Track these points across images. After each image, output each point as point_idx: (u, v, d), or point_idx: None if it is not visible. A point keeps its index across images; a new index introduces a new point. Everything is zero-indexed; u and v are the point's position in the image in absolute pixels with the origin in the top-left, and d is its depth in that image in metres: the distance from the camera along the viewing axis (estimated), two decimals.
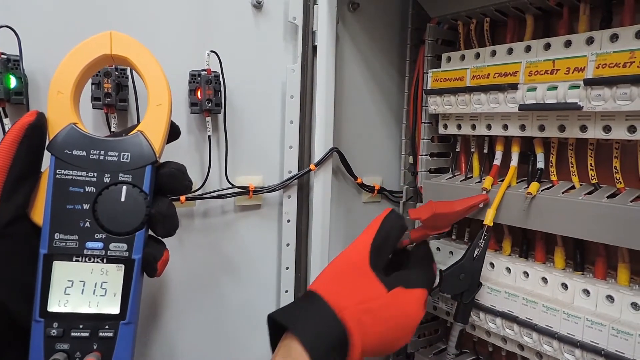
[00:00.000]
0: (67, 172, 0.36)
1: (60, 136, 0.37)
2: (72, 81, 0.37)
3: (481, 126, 0.60)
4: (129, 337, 0.38)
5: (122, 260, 0.37)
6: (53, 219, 0.36)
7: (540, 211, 0.53)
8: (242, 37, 0.63)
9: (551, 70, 0.50)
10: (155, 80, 0.39)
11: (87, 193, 0.37)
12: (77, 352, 0.36)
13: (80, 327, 0.37)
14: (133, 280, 0.37)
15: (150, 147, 0.38)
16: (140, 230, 0.37)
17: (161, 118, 0.39)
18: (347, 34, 0.70)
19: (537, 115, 0.54)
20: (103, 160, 0.37)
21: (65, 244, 0.36)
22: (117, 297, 0.37)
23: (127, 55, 0.39)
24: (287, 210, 0.68)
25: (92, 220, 0.37)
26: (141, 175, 0.37)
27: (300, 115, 0.67)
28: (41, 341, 0.36)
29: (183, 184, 0.41)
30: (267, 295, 0.70)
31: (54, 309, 0.36)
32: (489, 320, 0.58)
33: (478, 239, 0.56)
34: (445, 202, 0.57)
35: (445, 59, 0.65)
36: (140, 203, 0.37)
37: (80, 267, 0.37)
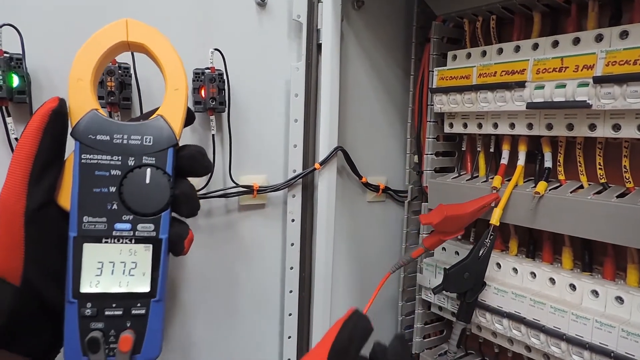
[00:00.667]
0: (92, 157, 0.37)
1: (84, 122, 0.37)
2: (91, 68, 0.38)
3: (488, 125, 0.60)
4: (159, 314, 0.39)
5: (150, 240, 0.38)
6: (81, 202, 0.37)
7: (548, 211, 0.52)
8: (245, 35, 0.63)
9: (559, 68, 0.49)
10: (172, 66, 0.40)
11: (113, 176, 0.37)
12: (111, 330, 0.38)
13: (113, 305, 0.38)
14: (161, 259, 0.39)
15: (171, 130, 0.39)
16: (165, 211, 0.38)
17: (179, 102, 0.40)
18: (351, 32, 0.69)
19: (545, 113, 0.53)
20: (127, 144, 0.38)
21: (94, 226, 0.37)
22: (147, 276, 0.38)
23: (144, 41, 0.40)
24: (291, 209, 0.68)
25: (119, 203, 0.37)
26: (164, 158, 0.38)
27: (305, 113, 0.67)
28: (76, 321, 0.37)
29: (203, 164, 0.42)
30: (272, 295, 0.70)
31: (86, 290, 0.37)
32: (495, 321, 0.57)
33: (484, 238, 0.56)
34: (456, 205, 0.57)
35: (450, 57, 0.65)
36: (165, 184, 0.38)
37: (110, 248, 0.38)
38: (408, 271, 0.75)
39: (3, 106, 0.48)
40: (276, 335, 0.71)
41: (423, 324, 0.72)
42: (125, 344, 0.37)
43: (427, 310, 0.72)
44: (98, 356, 0.37)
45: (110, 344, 0.38)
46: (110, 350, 0.37)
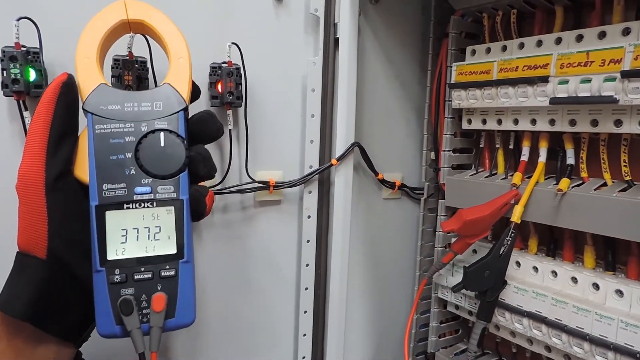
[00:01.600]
0: (106, 126, 0.37)
1: (94, 94, 0.38)
2: (95, 47, 0.39)
3: (508, 121, 0.59)
4: (189, 275, 0.39)
5: (171, 202, 0.38)
6: (99, 171, 0.37)
7: (572, 209, 0.51)
8: (262, 29, 0.62)
9: (585, 62, 0.48)
10: (173, 37, 0.41)
11: (128, 143, 0.38)
12: (142, 295, 0.37)
13: (142, 270, 0.38)
14: (185, 220, 0.39)
15: (179, 95, 0.39)
16: (183, 172, 0.39)
17: (184, 70, 0.40)
18: (368, 26, 0.68)
19: (568, 109, 0.52)
20: (138, 111, 0.38)
21: (114, 193, 0.37)
22: (172, 239, 0.38)
23: (143, 17, 0.40)
24: (307, 205, 0.67)
25: (136, 167, 0.38)
26: (175, 121, 0.39)
27: (322, 109, 0.66)
28: (105, 289, 0.37)
29: (215, 126, 0.42)
30: (287, 292, 0.69)
31: (112, 257, 0.37)
32: (515, 321, 0.56)
33: (505, 236, 0.55)
34: (474, 208, 0.56)
35: (469, 52, 0.64)
36: (179, 146, 0.38)
37: (132, 213, 0.38)
38: (423, 269, 0.74)
39: (20, 100, 0.48)
40: (291, 332, 0.70)
41: (438, 322, 0.71)
42: (159, 303, 0.37)
43: (442, 309, 0.71)
44: (132, 319, 0.36)
45: (142, 310, 0.37)
46: (143, 316, 0.37)
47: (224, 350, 0.65)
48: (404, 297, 0.79)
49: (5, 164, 0.48)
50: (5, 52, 0.47)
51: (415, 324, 0.76)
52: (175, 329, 0.38)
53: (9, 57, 0.47)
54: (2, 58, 0.47)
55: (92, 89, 0.38)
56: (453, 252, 0.60)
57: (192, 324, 0.39)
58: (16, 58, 0.47)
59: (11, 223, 0.36)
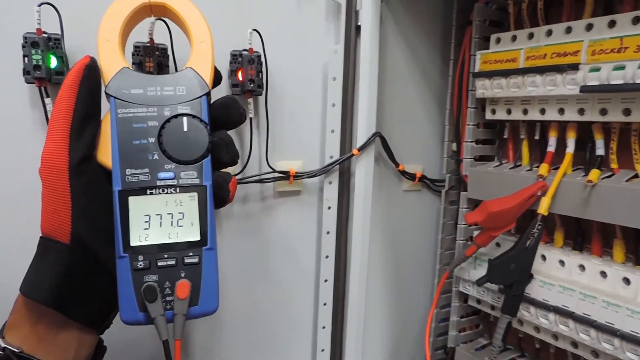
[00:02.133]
0: (129, 110, 0.37)
1: (116, 78, 0.37)
2: (117, 30, 0.38)
3: (534, 111, 0.57)
4: (213, 262, 0.38)
5: (194, 188, 0.38)
6: (122, 155, 0.37)
7: (601, 201, 0.49)
8: (283, 16, 0.61)
9: (618, 49, 0.47)
10: (195, 21, 0.40)
11: (151, 127, 0.37)
12: (166, 282, 0.37)
13: (165, 256, 0.37)
14: (208, 207, 0.38)
15: (202, 79, 0.39)
16: (206, 158, 0.38)
17: (207, 53, 0.40)
18: (390, 14, 0.67)
19: (599, 98, 0.50)
20: (161, 95, 0.38)
21: (137, 178, 0.37)
22: (195, 226, 0.38)
23: (165, 1, 0.40)
24: (327, 196, 0.67)
25: (159, 153, 0.37)
26: (198, 106, 0.38)
27: (343, 98, 0.65)
28: (129, 275, 0.36)
29: (238, 111, 0.41)
30: (306, 284, 0.68)
31: (136, 243, 0.37)
32: (540, 316, 0.55)
33: (531, 228, 0.54)
34: (499, 200, 0.55)
35: (494, 40, 0.62)
36: (202, 131, 0.38)
37: (155, 199, 0.37)
38: (444, 262, 0.73)
39: (42, 87, 0.48)
40: (310, 324, 0.70)
41: (459, 317, 0.70)
42: (183, 290, 0.37)
43: (463, 303, 0.70)
44: (156, 306, 0.36)
45: (166, 297, 0.37)
46: (167, 303, 0.37)
47: (242, 341, 0.64)
48: (423, 291, 0.78)
49: (28, 151, 0.48)
50: (27, 39, 0.46)
51: (435, 318, 0.75)
52: (198, 317, 0.38)
53: (31, 43, 0.46)
54: (24, 44, 0.46)
55: (114, 73, 0.37)
56: (476, 245, 0.59)
57: (215, 311, 0.38)
58: (38, 44, 0.47)
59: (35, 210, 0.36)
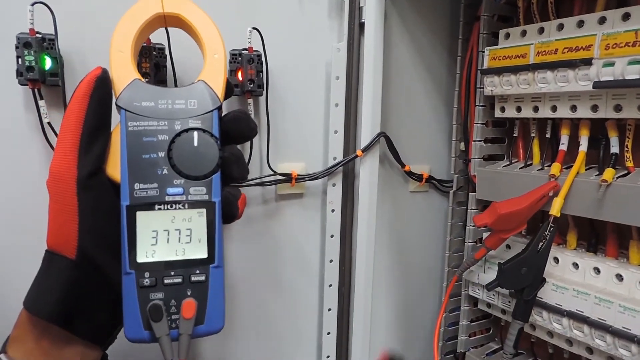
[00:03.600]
0: (139, 124, 0.37)
1: (127, 90, 0.37)
2: (130, 41, 0.38)
3: (545, 108, 0.55)
4: (220, 280, 0.38)
5: (203, 204, 0.38)
6: (131, 170, 0.36)
7: (617, 201, 0.48)
8: (284, 14, 0.60)
9: (633, 43, 0.45)
10: (209, 33, 0.40)
11: (161, 141, 0.37)
12: (172, 300, 0.36)
13: (172, 274, 0.37)
14: (216, 224, 0.38)
15: (214, 93, 0.39)
16: (216, 173, 0.38)
17: (219, 67, 0.40)
18: (395, 10, 0.65)
19: (614, 93, 0.48)
20: (172, 109, 0.38)
21: (146, 193, 0.36)
22: (203, 243, 0.38)
23: (179, 12, 0.40)
24: (331, 199, 0.65)
25: (169, 167, 0.37)
26: (209, 120, 0.38)
27: (346, 97, 0.63)
28: (135, 292, 0.36)
29: (250, 126, 0.41)
30: (310, 289, 0.67)
31: (142, 260, 0.36)
32: (553, 320, 0.53)
33: (543, 230, 0.52)
34: (509, 201, 0.53)
35: (503, 36, 0.60)
36: (213, 146, 0.38)
37: (163, 215, 0.37)
38: (452, 265, 0.71)
39: (35, 89, 0.47)
40: (315, 330, 0.68)
41: (469, 321, 0.68)
42: (189, 310, 0.36)
43: (473, 307, 0.68)
44: (161, 325, 0.35)
45: (171, 315, 0.36)
46: (172, 322, 0.36)
47: (246, 347, 0.63)
48: (431, 294, 0.76)
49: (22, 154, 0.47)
50: (19, 39, 0.45)
51: (444, 322, 0.73)
52: (204, 336, 0.37)
53: (24, 44, 0.45)
54: (17, 45, 0.45)
55: (125, 85, 0.37)
56: (486, 248, 0.57)
57: (221, 330, 0.38)
58: (31, 45, 0.45)
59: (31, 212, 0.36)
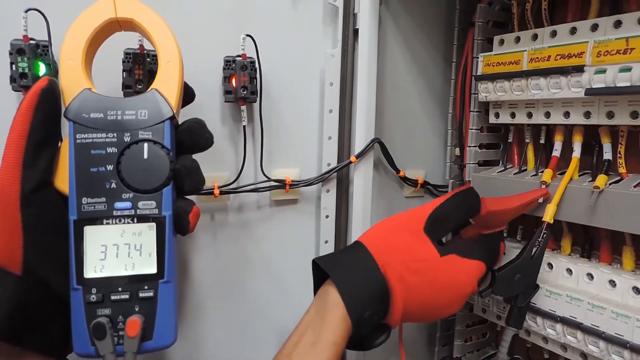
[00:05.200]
0: (87, 136, 0.36)
1: (76, 101, 0.36)
2: (81, 48, 0.37)
3: (539, 114, 0.55)
4: (169, 296, 0.37)
5: (153, 218, 0.37)
6: (79, 183, 0.36)
7: (609, 207, 0.48)
8: (279, 20, 0.60)
9: (624, 50, 0.45)
10: (162, 38, 0.39)
11: (109, 154, 0.37)
12: (119, 316, 0.36)
13: (119, 290, 0.37)
14: (166, 238, 0.37)
15: (167, 102, 0.38)
16: (167, 187, 0.37)
17: (173, 74, 0.39)
18: (389, 16, 0.66)
19: (606, 100, 0.49)
20: (121, 120, 0.37)
21: (93, 208, 0.36)
22: (153, 257, 0.37)
23: (133, 16, 0.39)
24: (325, 205, 0.65)
25: (117, 181, 0.37)
26: (161, 131, 0.37)
27: (340, 103, 0.64)
28: (82, 308, 0.36)
29: (203, 136, 0.40)
30: (305, 295, 0.66)
31: (90, 275, 0.36)
32: (547, 326, 0.53)
33: (536, 237, 0.52)
34: (499, 199, 0.53)
35: (497, 42, 0.60)
36: (164, 158, 0.37)
37: (112, 229, 0.37)
38: None
39: None
40: None
41: (464, 326, 0.68)
42: (133, 329, 0.36)
43: (469, 313, 0.68)
44: (105, 343, 0.35)
45: (118, 331, 0.36)
46: (119, 338, 0.36)
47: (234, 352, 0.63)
48: None
49: None
50: (13, 46, 0.45)
51: (440, 327, 0.73)
52: (152, 351, 0.37)
53: (17, 51, 0.45)
54: (10, 51, 0.45)
55: (74, 95, 0.36)
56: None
57: (171, 345, 0.38)
58: (24, 51, 0.45)
59: None
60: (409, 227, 0.49)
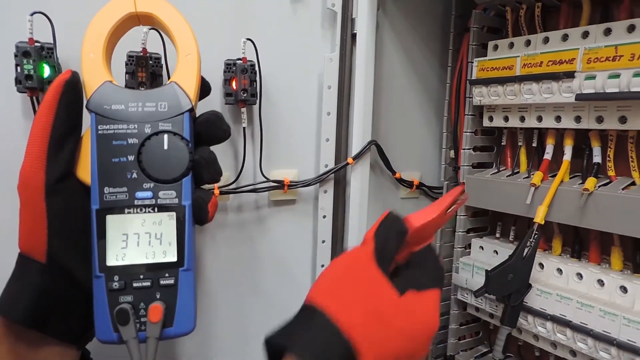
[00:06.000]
0: (109, 127, 0.37)
1: (98, 93, 0.37)
2: (102, 43, 0.38)
3: (531, 118, 0.57)
4: (189, 283, 0.38)
5: (173, 208, 0.38)
6: (101, 173, 0.37)
7: (598, 209, 0.49)
8: (278, 24, 0.61)
9: (613, 57, 0.46)
10: (182, 32, 0.40)
11: (131, 145, 0.37)
12: (141, 303, 0.37)
13: (141, 277, 0.37)
14: (186, 227, 0.38)
15: (186, 95, 0.38)
16: (186, 177, 0.38)
17: (192, 67, 0.39)
18: (387, 21, 0.67)
19: (595, 105, 0.50)
20: (142, 112, 0.38)
21: (115, 197, 0.37)
22: (173, 246, 0.38)
23: (152, 11, 0.39)
24: (323, 205, 0.66)
25: (138, 171, 0.37)
26: (180, 123, 0.38)
27: (338, 106, 0.65)
28: (104, 295, 0.36)
29: (221, 128, 0.41)
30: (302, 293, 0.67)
31: (112, 263, 0.37)
32: (538, 324, 0.55)
33: (528, 237, 0.53)
34: (420, 212, 0.48)
35: (491, 47, 0.62)
36: (183, 149, 0.38)
37: (133, 218, 0.37)
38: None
39: (34, 96, 0.48)
40: None
41: (458, 325, 0.70)
42: (155, 314, 0.36)
43: (462, 311, 0.69)
44: (128, 329, 0.36)
45: (140, 318, 0.37)
46: (141, 324, 0.37)
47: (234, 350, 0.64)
48: None
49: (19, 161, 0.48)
50: (18, 48, 0.46)
51: None
52: (173, 338, 0.38)
53: (22, 53, 0.46)
54: (16, 54, 0.46)
55: (96, 87, 0.37)
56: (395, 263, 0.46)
57: (191, 332, 0.38)
58: (29, 54, 0.47)
59: None
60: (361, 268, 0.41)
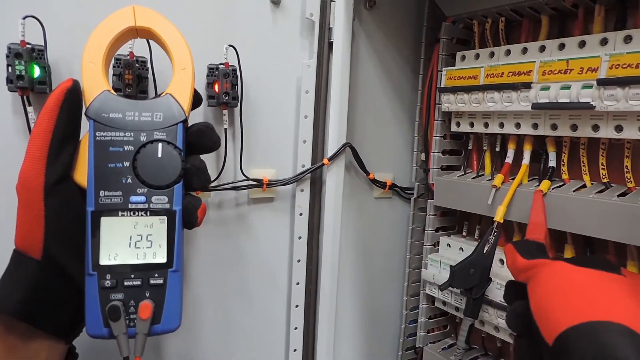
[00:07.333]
0: (106, 134, 0.39)
1: (97, 101, 0.39)
2: (102, 53, 0.40)
3: (494, 124, 0.61)
4: (177, 284, 0.40)
5: (164, 212, 0.40)
6: (97, 177, 0.38)
7: (552, 209, 0.53)
8: (259, 32, 0.64)
9: (565, 70, 0.50)
10: (178, 47, 0.42)
11: (126, 152, 0.39)
12: (131, 301, 0.39)
13: (132, 276, 0.39)
14: (176, 231, 0.40)
15: (180, 106, 0.41)
16: (178, 184, 0.40)
17: (186, 80, 0.42)
18: (362, 31, 0.70)
19: (550, 114, 0.54)
20: (138, 121, 0.40)
21: (110, 200, 0.39)
22: (163, 248, 0.40)
23: (151, 25, 0.42)
24: (299, 203, 0.69)
25: (133, 177, 0.39)
26: (174, 133, 0.40)
27: (315, 110, 0.68)
28: (96, 292, 0.38)
29: (212, 139, 0.43)
30: (278, 287, 0.71)
31: (105, 262, 0.39)
32: (498, 316, 0.59)
33: (488, 235, 0.57)
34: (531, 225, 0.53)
35: (459, 58, 0.66)
36: (176, 158, 0.40)
37: (126, 221, 0.39)
38: (413, 267, 0.76)
39: (24, 95, 0.49)
40: (283, 326, 0.72)
41: (427, 318, 0.73)
42: (145, 311, 0.39)
43: (431, 305, 0.73)
44: (118, 325, 0.38)
45: (130, 315, 0.39)
46: (130, 321, 0.39)
47: (215, 343, 0.67)
48: (393, 293, 0.81)
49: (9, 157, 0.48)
50: (11, 49, 0.48)
51: (405, 319, 0.78)
52: (161, 334, 0.40)
53: (14, 54, 0.48)
54: (8, 54, 0.48)
55: (95, 96, 0.39)
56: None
57: (177, 329, 0.41)
58: (21, 55, 0.48)
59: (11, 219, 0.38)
60: (585, 272, 0.40)
